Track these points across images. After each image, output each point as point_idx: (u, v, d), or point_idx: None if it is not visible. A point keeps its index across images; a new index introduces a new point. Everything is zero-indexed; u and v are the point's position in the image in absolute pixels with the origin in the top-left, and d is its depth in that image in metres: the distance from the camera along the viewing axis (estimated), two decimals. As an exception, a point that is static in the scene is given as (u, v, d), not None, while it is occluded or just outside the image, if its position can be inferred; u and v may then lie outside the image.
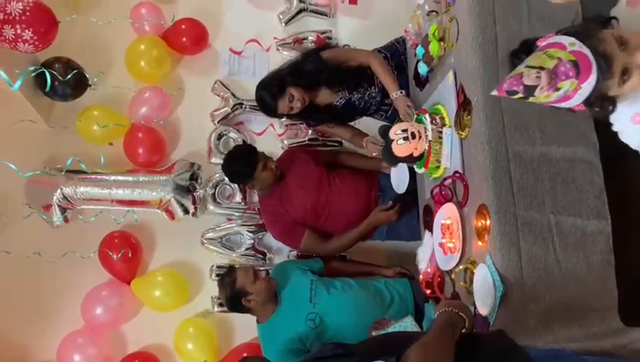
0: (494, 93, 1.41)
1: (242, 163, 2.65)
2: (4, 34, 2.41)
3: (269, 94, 2.59)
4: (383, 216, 2.68)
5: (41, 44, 2.50)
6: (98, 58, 3.15)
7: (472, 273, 1.96)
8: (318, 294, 2.51)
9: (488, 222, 1.88)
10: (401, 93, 2.51)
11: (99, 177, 2.92)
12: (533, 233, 1.83)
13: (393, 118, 2.74)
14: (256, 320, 2.51)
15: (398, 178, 2.60)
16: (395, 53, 2.79)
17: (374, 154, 2.68)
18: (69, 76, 2.73)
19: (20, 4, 2.41)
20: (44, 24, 2.49)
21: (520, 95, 1.37)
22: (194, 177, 3.05)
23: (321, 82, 2.66)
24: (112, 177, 2.94)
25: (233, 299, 2.41)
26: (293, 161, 2.82)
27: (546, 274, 1.80)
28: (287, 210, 2.72)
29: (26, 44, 2.45)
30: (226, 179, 3.10)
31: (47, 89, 2.75)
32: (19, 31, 2.40)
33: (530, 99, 1.38)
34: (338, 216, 2.75)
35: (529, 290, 1.78)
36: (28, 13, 2.41)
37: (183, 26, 3.23)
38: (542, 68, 1.33)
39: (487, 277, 1.82)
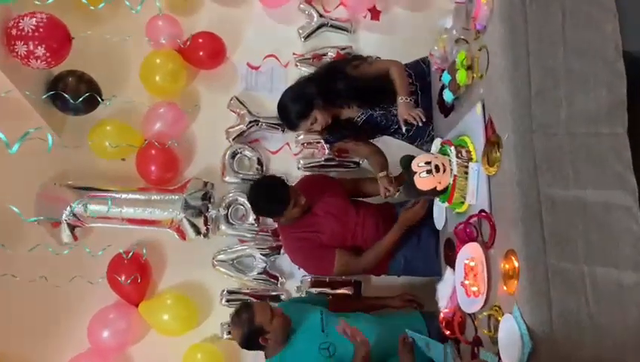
0: None
1: (273, 200, 2.49)
2: (17, 50, 2.35)
3: (293, 111, 2.48)
4: (410, 214, 2.52)
5: (53, 60, 2.44)
6: (113, 71, 3.10)
7: (497, 320, 1.83)
8: (330, 323, 2.39)
9: (516, 265, 1.76)
10: (410, 100, 2.42)
11: (110, 195, 2.85)
12: (565, 284, 1.70)
13: (414, 137, 2.64)
14: (265, 355, 2.40)
15: (438, 214, 2.43)
16: (420, 74, 2.67)
17: (384, 194, 2.59)
18: (80, 99, 2.65)
19: (34, 19, 2.36)
20: (58, 40, 2.44)
21: None
22: (207, 197, 2.98)
23: (349, 102, 2.56)
24: (123, 195, 2.88)
25: (250, 336, 2.27)
26: (316, 189, 2.67)
27: (578, 330, 1.67)
28: (315, 236, 2.57)
29: (39, 61, 2.39)
30: (239, 198, 3.03)
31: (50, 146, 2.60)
32: (31, 47, 2.34)
33: None
34: (364, 236, 2.62)
35: (559, 347, 1.65)
36: (41, 30, 2.36)
37: (201, 40, 3.16)
38: None
39: (513, 330, 1.70)
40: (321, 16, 3.34)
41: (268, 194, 2.51)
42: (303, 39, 3.34)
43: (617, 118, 1.87)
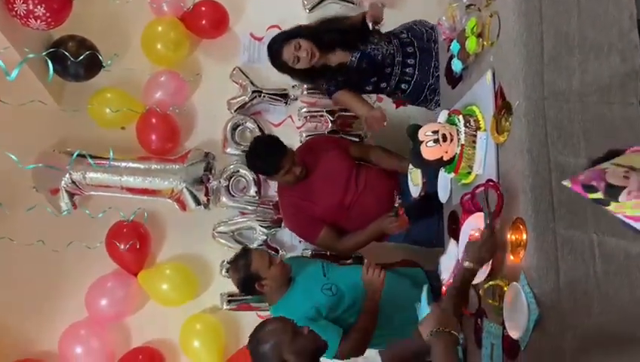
0: (566, 183, 1.19)
1: (266, 161, 2.54)
2: (16, 9, 2.29)
3: (278, 38, 2.56)
4: (388, 225, 2.53)
5: (53, 21, 2.38)
6: (114, 38, 3.03)
7: (502, 290, 1.81)
8: (331, 269, 2.47)
9: (524, 236, 1.73)
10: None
11: (109, 163, 2.81)
12: (574, 253, 1.67)
13: (414, 95, 2.68)
14: (268, 303, 2.42)
15: (443, 186, 2.38)
16: (416, 34, 2.72)
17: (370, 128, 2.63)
18: (81, 57, 2.59)
19: (34, -22, 2.29)
20: (58, 0, 2.36)
21: (599, 195, 1.13)
22: (208, 167, 2.94)
23: (335, 43, 2.58)
24: (123, 164, 2.84)
25: (246, 282, 2.31)
26: (321, 155, 2.66)
27: (586, 299, 1.65)
28: (309, 205, 2.60)
29: (38, 21, 2.34)
30: (241, 170, 3.00)
31: (51, 75, 2.54)
32: (31, 7, 2.28)
33: (612, 205, 1.12)
34: (359, 216, 2.62)
35: (566, 315, 1.63)
36: (41, -12, 2.29)
37: (203, 8, 3.10)
38: (632, 168, 1.11)
39: (520, 298, 1.68)
40: (326, -14, 3.27)
41: (263, 153, 2.56)
42: (307, 10, 3.27)
43: (630, 89, 1.84)
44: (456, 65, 2.29)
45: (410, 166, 2.48)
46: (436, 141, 2.03)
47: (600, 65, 1.85)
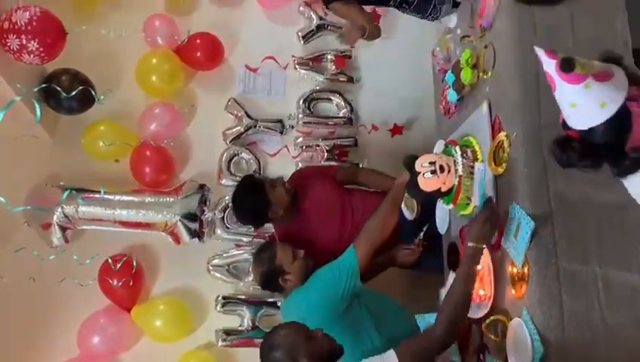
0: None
1: (252, 204, 2.43)
2: (9, 44, 2.28)
3: None
4: (404, 258, 2.47)
5: (47, 55, 2.36)
6: (108, 71, 3.02)
7: (505, 326, 1.76)
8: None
9: (526, 269, 1.69)
10: None
11: (102, 196, 2.77)
12: (577, 286, 1.63)
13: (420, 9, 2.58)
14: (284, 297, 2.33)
15: (442, 217, 2.35)
16: None
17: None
18: (74, 92, 2.57)
19: (27, 13, 2.29)
20: (52, 35, 2.36)
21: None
22: (202, 200, 2.89)
23: None
24: (117, 197, 2.80)
25: (269, 275, 2.25)
26: (309, 189, 2.58)
27: (590, 334, 1.60)
28: (309, 243, 2.47)
29: (31, 56, 2.32)
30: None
31: (38, 116, 2.46)
32: (24, 42, 2.27)
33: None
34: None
35: (571, 352, 1.59)
36: (34, 23, 2.29)
37: (198, 40, 3.10)
38: None
39: (523, 335, 1.63)
40: (320, 19, 3.29)
41: (246, 201, 2.46)
42: (302, 42, 3.29)
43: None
44: (452, 96, 2.29)
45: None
46: (433, 172, 2.00)
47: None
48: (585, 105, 1.21)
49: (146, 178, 2.91)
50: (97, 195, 2.73)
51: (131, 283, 2.68)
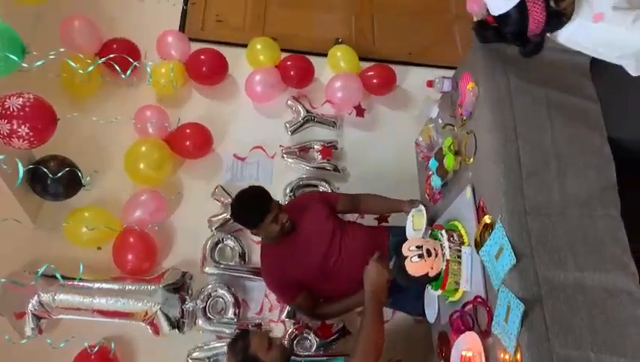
0: None
1: (252, 208, 2.41)
2: (-1, 128, 2.29)
3: None
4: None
5: (36, 140, 2.37)
6: (97, 158, 3.04)
7: (500, 418, 1.67)
8: None
9: (518, 356, 1.63)
10: None
11: (81, 284, 2.68)
12: (572, 374, 1.58)
13: None
14: None
15: (430, 304, 2.31)
16: None
17: None
18: (60, 174, 2.57)
19: (20, 99, 2.33)
20: (43, 121, 2.38)
21: None
22: (184, 288, 2.81)
23: None
24: (96, 285, 2.70)
25: None
26: (305, 214, 2.56)
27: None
28: (290, 268, 2.48)
29: (21, 140, 2.32)
30: (219, 290, 2.89)
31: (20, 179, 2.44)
32: (15, 126, 2.28)
33: None
34: (340, 278, 2.50)
35: None
36: (27, 109, 2.31)
37: (188, 130, 3.17)
38: None
39: None
40: (307, 111, 3.41)
41: (249, 200, 2.45)
42: (289, 133, 3.37)
43: (610, 201, 1.86)
44: (436, 182, 2.33)
45: (413, 210, 2.44)
46: (421, 256, 1.99)
47: (578, 179, 1.89)
48: None
49: (128, 265, 2.84)
50: (76, 282, 2.64)
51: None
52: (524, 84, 2.02)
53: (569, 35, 1.68)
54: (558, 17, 1.62)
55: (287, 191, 3.17)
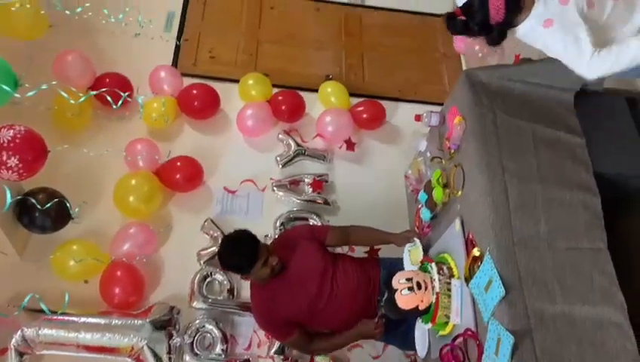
0: None
1: (241, 255, 2.35)
2: (-11, 160, 2.29)
3: None
4: (374, 331, 2.39)
5: (25, 172, 2.37)
6: (87, 190, 3.03)
7: None
8: None
9: (509, 390, 1.62)
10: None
11: (66, 318, 2.63)
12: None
13: None
14: None
15: (421, 339, 2.29)
16: None
17: None
18: (48, 205, 2.55)
19: (12, 131, 2.33)
20: (33, 152, 2.38)
21: None
22: (171, 323, 2.76)
23: None
24: (82, 319, 2.65)
25: None
26: (295, 251, 2.49)
27: None
28: (282, 307, 2.41)
29: (10, 172, 2.32)
30: (207, 325, 2.84)
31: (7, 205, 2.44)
32: (4, 158, 2.28)
33: None
34: (333, 314, 2.44)
35: None
36: (17, 141, 2.32)
37: (179, 163, 3.18)
38: None
39: None
40: (298, 145, 3.44)
41: (236, 248, 2.39)
42: (280, 166, 3.39)
43: (596, 234, 1.88)
44: (425, 215, 2.34)
45: (408, 245, 2.41)
46: (411, 289, 1.98)
47: (564, 212, 1.91)
48: None
49: (114, 299, 2.80)
50: (61, 317, 2.60)
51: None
52: (510, 118, 2.06)
53: (522, 34, 1.82)
54: (515, 3, 1.74)
55: (278, 224, 3.16)
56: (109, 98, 2.74)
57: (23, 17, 2.87)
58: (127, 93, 2.87)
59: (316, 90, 3.65)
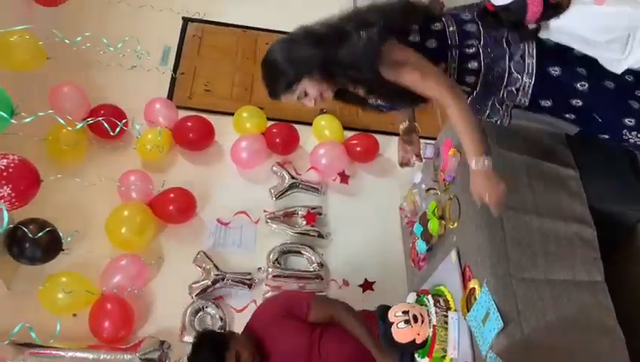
0: None
1: (206, 356, 2.27)
2: (-20, 188, 2.27)
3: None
4: None
5: (17, 201, 2.35)
6: (78, 220, 2.99)
7: None
8: None
9: None
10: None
11: (54, 352, 2.57)
12: None
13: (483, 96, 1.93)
14: None
15: None
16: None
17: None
18: (39, 234, 2.51)
19: (5, 160, 2.32)
20: (25, 182, 2.37)
21: None
22: (162, 358, 2.70)
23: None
24: (70, 353, 2.59)
25: None
26: (274, 331, 2.36)
27: None
28: None
29: (2, 201, 2.30)
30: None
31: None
32: (-3, 187, 2.26)
33: None
34: None
35: None
36: (11, 170, 2.30)
37: (172, 195, 3.16)
38: None
39: None
40: (292, 177, 3.45)
41: (202, 350, 2.31)
42: (274, 198, 3.39)
43: (594, 267, 1.88)
44: (421, 247, 2.33)
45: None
46: (407, 322, 1.96)
47: (561, 244, 1.91)
48: None
49: (104, 333, 2.73)
50: (47, 351, 2.53)
51: None
52: (504, 150, 2.08)
53: (560, 25, 1.74)
54: (554, 9, 1.70)
55: (271, 256, 3.13)
56: (106, 125, 2.74)
57: (22, 48, 2.89)
58: (124, 121, 2.88)
59: (310, 124, 3.68)
